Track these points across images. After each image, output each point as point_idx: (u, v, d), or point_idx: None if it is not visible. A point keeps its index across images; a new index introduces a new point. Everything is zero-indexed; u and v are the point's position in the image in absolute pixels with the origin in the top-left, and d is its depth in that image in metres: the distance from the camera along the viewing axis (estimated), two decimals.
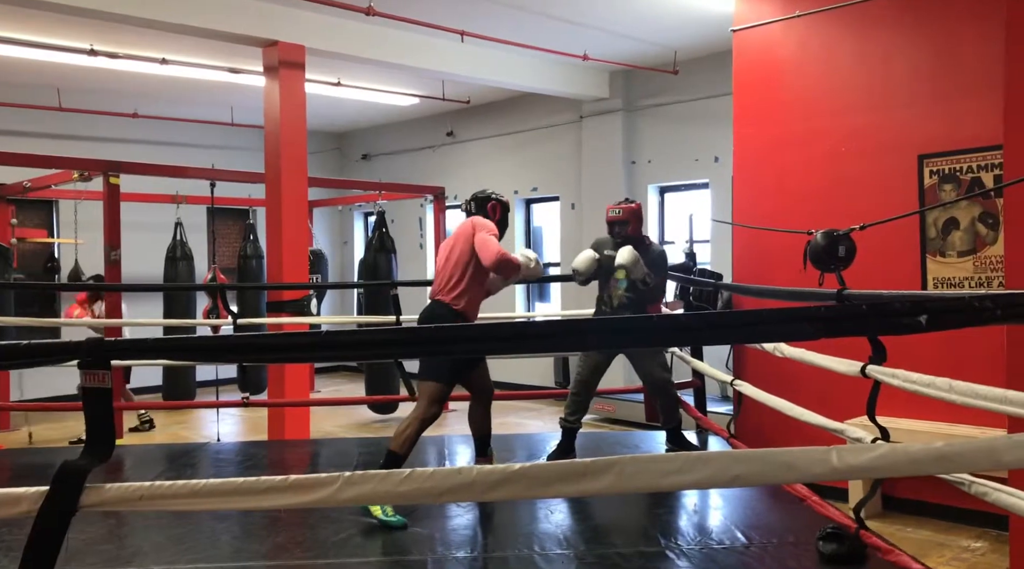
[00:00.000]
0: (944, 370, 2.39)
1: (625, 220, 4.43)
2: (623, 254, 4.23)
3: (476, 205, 3.96)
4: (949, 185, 4.79)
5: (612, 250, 4.38)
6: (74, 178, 7.53)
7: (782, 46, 5.54)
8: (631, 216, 4.45)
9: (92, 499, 1.48)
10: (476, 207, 3.96)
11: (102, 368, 1.47)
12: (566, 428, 4.44)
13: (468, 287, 3.72)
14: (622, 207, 4.47)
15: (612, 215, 4.46)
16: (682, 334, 1.93)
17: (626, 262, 4.20)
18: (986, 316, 1.38)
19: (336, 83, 8.48)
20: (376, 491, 1.43)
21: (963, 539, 4.49)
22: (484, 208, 3.94)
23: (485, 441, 3.96)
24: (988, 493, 2.12)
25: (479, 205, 3.95)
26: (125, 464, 4.66)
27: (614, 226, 4.44)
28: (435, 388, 3.64)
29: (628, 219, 4.44)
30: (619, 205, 4.50)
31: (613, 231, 4.45)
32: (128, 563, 3.00)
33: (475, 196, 4.01)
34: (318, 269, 9.17)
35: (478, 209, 3.95)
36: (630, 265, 4.21)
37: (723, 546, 3.12)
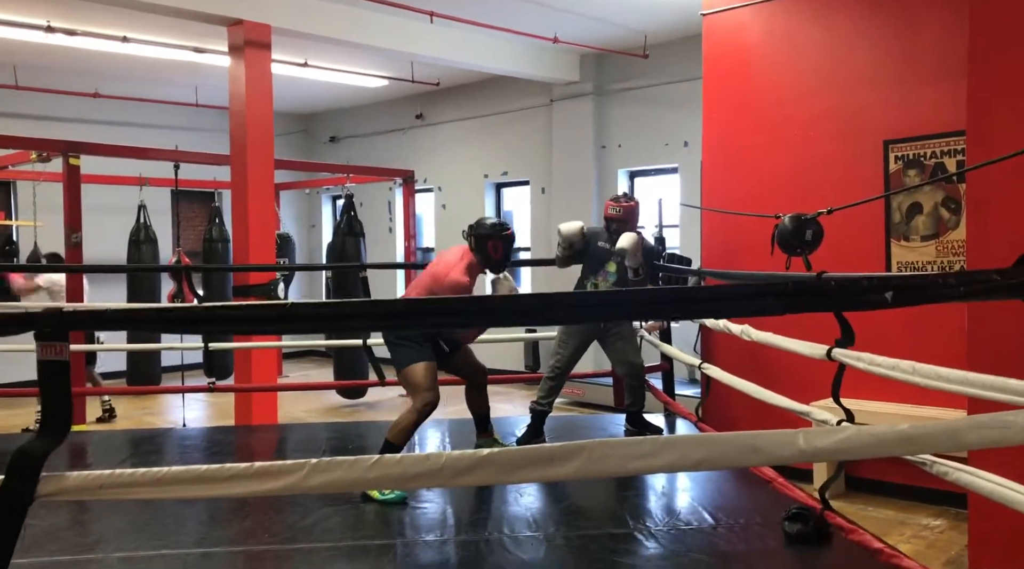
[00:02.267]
0: (908, 354, 2.43)
1: (624, 219, 4.45)
2: (626, 238, 4.24)
3: (476, 242, 3.68)
4: (913, 170, 4.86)
5: (606, 242, 4.41)
6: (32, 159, 7.34)
7: (751, 31, 5.56)
8: (629, 215, 4.48)
9: (49, 488, 1.44)
10: (476, 244, 3.68)
11: (60, 339, 1.41)
12: (538, 411, 4.48)
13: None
14: (622, 205, 4.48)
15: (612, 213, 4.45)
16: (652, 308, 1.93)
17: (629, 245, 4.20)
18: (949, 292, 1.40)
19: (303, 64, 8.35)
20: (344, 478, 1.42)
21: (923, 517, 4.59)
22: (484, 247, 3.66)
23: (485, 419, 4.03)
24: (949, 473, 2.16)
25: (479, 243, 3.67)
26: (88, 450, 4.58)
27: (612, 223, 4.44)
28: (417, 372, 3.55)
29: (627, 218, 4.46)
30: (619, 203, 4.50)
31: (610, 228, 4.45)
32: (91, 550, 2.96)
33: (476, 230, 3.69)
34: (285, 253, 9.05)
35: (477, 247, 3.68)
36: (632, 249, 4.20)
37: (691, 527, 3.16)
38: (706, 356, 5.22)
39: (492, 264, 3.74)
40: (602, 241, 4.44)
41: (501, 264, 3.73)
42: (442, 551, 3.02)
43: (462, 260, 3.70)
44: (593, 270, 4.46)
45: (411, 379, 3.57)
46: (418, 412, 3.52)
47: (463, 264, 3.68)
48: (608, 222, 4.48)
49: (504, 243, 3.69)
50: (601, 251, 4.43)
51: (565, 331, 4.47)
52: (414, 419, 3.52)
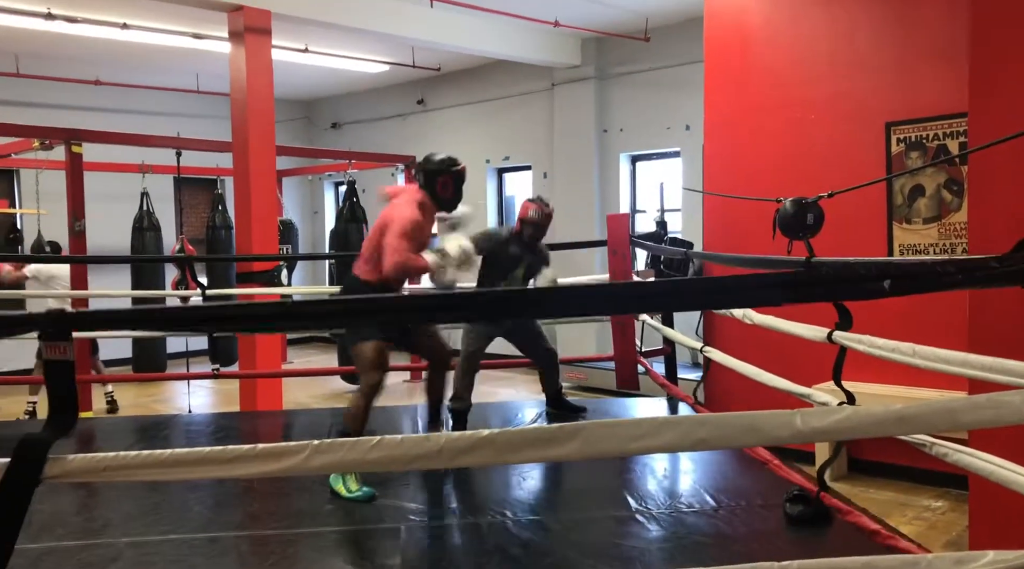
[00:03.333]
0: (909, 336, 2.44)
1: (543, 224, 4.32)
2: (546, 280, 4.27)
3: (425, 177, 3.53)
4: (915, 152, 4.85)
5: (515, 246, 4.26)
6: (35, 147, 7.35)
7: (753, 14, 5.53)
8: (548, 222, 4.35)
9: (56, 470, 1.46)
10: (424, 179, 3.54)
11: (64, 340, 1.44)
12: (459, 410, 4.23)
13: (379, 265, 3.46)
14: (543, 211, 4.31)
15: (532, 216, 4.28)
16: (654, 301, 1.94)
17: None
18: (948, 281, 1.40)
19: (304, 50, 8.33)
20: (345, 459, 1.43)
21: (924, 499, 4.62)
22: (433, 184, 3.51)
23: (437, 407, 3.80)
24: (948, 454, 2.17)
25: (428, 178, 3.52)
26: (96, 437, 4.61)
27: (528, 227, 4.28)
28: (368, 350, 3.35)
29: (546, 224, 4.33)
30: (539, 206, 4.32)
31: (525, 231, 4.29)
32: (98, 535, 2.98)
33: (425, 165, 3.56)
34: (288, 239, 9.07)
35: (427, 183, 3.53)
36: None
37: (692, 509, 3.18)
38: (708, 339, 5.23)
39: (442, 202, 3.56)
40: (512, 246, 4.25)
41: (452, 202, 3.58)
42: (446, 535, 3.05)
43: (412, 199, 3.50)
44: (500, 275, 4.25)
45: (360, 357, 3.38)
46: (365, 395, 3.36)
47: (413, 202, 3.48)
48: (524, 226, 4.29)
49: (454, 179, 3.53)
50: (510, 257, 4.25)
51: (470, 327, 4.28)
52: (363, 403, 3.36)
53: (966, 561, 1.40)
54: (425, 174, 3.55)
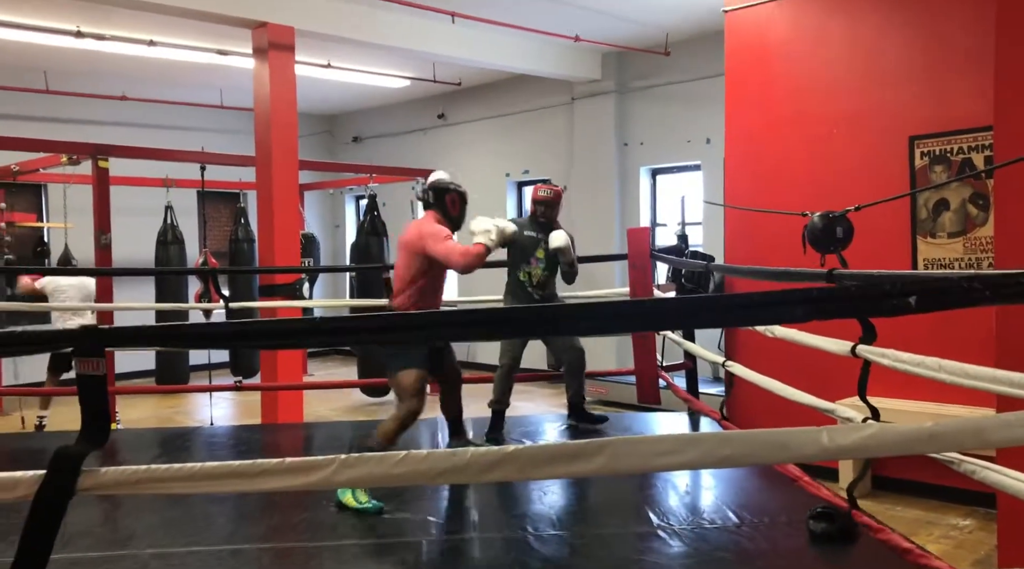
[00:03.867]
0: (934, 350, 2.41)
1: (554, 202, 4.46)
2: (558, 238, 4.29)
3: (435, 196, 3.75)
4: (940, 166, 4.81)
5: (531, 230, 4.39)
6: (63, 162, 7.47)
7: (774, 27, 5.53)
8: (559, 198, 4.49)
9: (89, 483, 1.49)
10: (434, 198, 3.75)
11: (96, 355, 1.47)
12: (498, 411, 4.47)
13: (418, 293, 3.67)
14: (553, 189, 4.50)
15: (543, 195, 4.45)
16: (675, 318, 1.94)
17: (562, 245, 4.26)
18: (975, 297, 1.39)
19: (326, 65, 8.42)
20: (372, 473, 1.44)
21: (952, 517, 4.54)
22: (443, 200, 3.74)
23: (458, 422, 4.03)
24: (976, 471, 2.14)
25: (437, 197, 3.74)
26: (119, 448, 4.66)
27: (540, 206, 4.44)
28: (409, 378, 3.50)
29: (556, 202, 4.47)
30: (549, 187, 4.52)
31: (538, 210, 4.44)
32: (123, 546, 3.01)
33: (433, 186, 3.78)
34: (310, 253, 9.14)
35: (436, 201, 3.75)
36: (565, 248, 4.26)
37: (715, 525, 3.15)
38: (730, 354, 5.20)
39: (450, 219, 3.77)
40: (528, 230, 4.41)
41: (458, 221, 3.79)
42: (467, 549, 3.05)
43: (426, 219, 3.72)
44: (524, 259, 4.41)
45: (401, 384, 3.53)
46: (402, 420, 3.48)
47: (430, 220, 3.70)
48: (537, 206, 4.45)
49: (460, 197, 3.77)
50: (528, 240, 4.38)
51: None
52: (397, 427, 3.48)
53: None
54: (435, 193, 3.77)
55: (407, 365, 3.51)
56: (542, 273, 4.39)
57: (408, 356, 3.53)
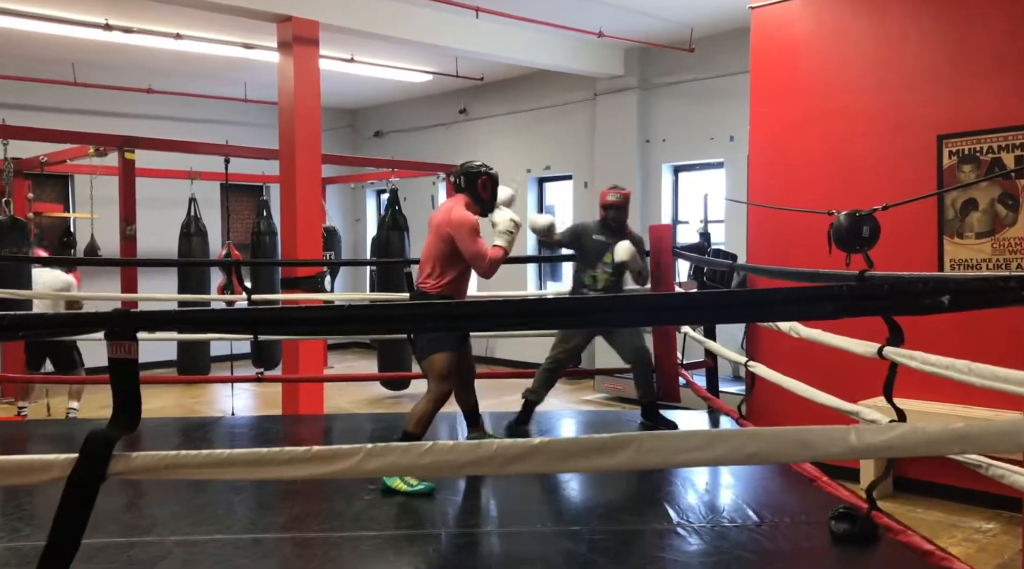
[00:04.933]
0: (959, 352, 2.38)
1: (623, 206, 4.57)
2: (623, 251, 4.38)
3: (466, 180, 3.79)
4: (968, 166, 4.75)
5: (600, 234, 4.50)
6: (89, 153, 7.56)
7: (801, 24, 5.48)
8: (627, 202, 4.61)
9: (120, 467, 1.51)
10: (466, 182, 3.79)
11: (129, 339, 1.48)
12: (530, 401, 4.53)
13: (449, 277, 3.72)
14: (620, 193, 4.60)
15: (612, 199, 4.57)
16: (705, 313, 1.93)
17: (627, 259, 4.37)
18: (1010, 297, 1.37)
19: (349, 59, 8.45)
20: (398, 463, 1.45)
21: (974, 520, 4.50)
22: (474, 184, 3.79)
23: (475, 413, 4.06)
24: (1005, 475, 2.12)
25: (469, 181, 3.78)
26: (143, 437, 4.70)
27: (610, 210, 4.54)
28: (442, 360, 3.60)
29: (625, 205, 4.58)
30: (617, 190, 4.62)
31: (609, 215, 4.54)
32: (147, 532, 3.05)
33: (465, 170, 3.82)
34: (331, 246, 9.19)
35: (467, 185, 3.79)
36: (631, 261, 4.38)
37: (735, 524, 3.14)
38: (752, 353, 5.17)
39: (482, 203, 3.81)
40: (597, 234, 4.51)
41: (489, 204, 3.82)
42: (486, 542, 3.05)
43: (456, 204, 3.77)
44: (590, 263, 4.52)
45: (435, 367, 3.60)
46: (434, 402, 3.57)
47: (461, 203, 3.75)
48: (607, 210, 4.55)
49: (491, 180, 3.81)
50: (597, 244, 4.50)
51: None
52: (431, 409, 3.56)
53: None
54: (466, 177, 3.80)
55: (440, 348, 3.60)
56: (608, 278, 4.50)
57: (441, 340, 3.61)
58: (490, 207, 3.83)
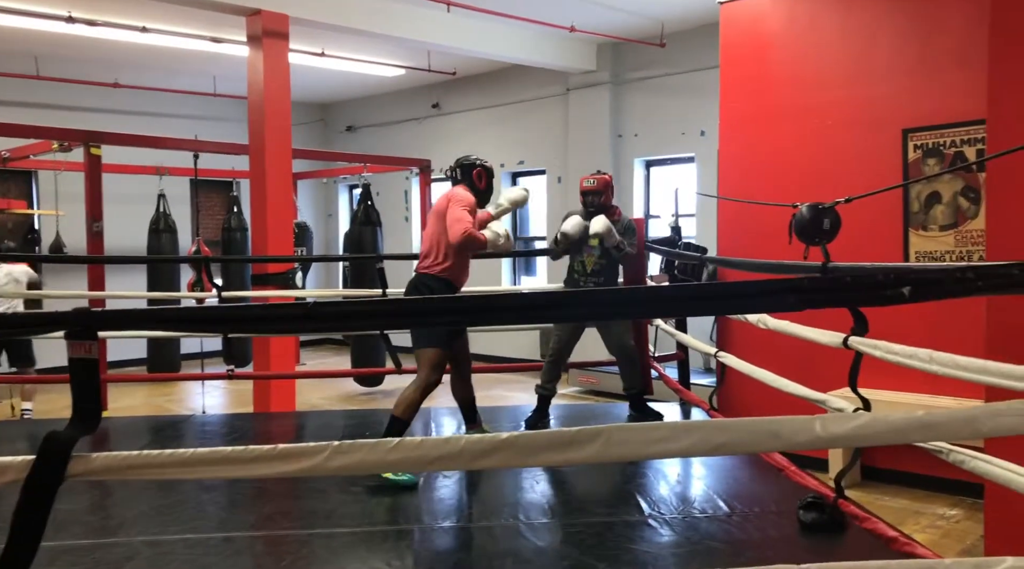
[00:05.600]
0: (923, 342, 2.42)
1: (600, 190, 4.59)
2: (597, 223, 4.41)
3: (462, 172, 3.93)
4: (933, 159, 4.82)
5: (585, 220, 4.53)
6: (54, 148, 7.42)
7: (769, 19, 5.52)
8: (604, 187, 4.62)
9: (79, 468, 1.48)
10: (462, 174, 3.93)
11: (89, 338, 1.46)
12: (542, 396, 4.63)
13: (451, 261, 3.79)
14: (596, 178, 4.64)
15: (587, 185, 4.62)
16: (670, 305, 1.95)
17: (601, 230, 4.39)
18: (968, 287, 1.39)
19: (320, 53, 8.38)
20: (365, 460, 1.44)
21: (938, 507, 4.58)
22: (469, 175, 3.92)
23: (472, 408, 4.09)
24: (966, 461, 2.16)
25: (464, 172, 3.93)
26: (109, 436, 4.65)
27: (588, 196, 4.60)
28: (434, 354, 3.68)
29: (602, 189, 4.60)
30: (593, 176, 4.67)
31: (587, 201, 4.60)
32: (114, 534, 3.01)
33: (460, 162, 3.97)
34: (303, 242, 9.11)
35: (463, 176, 3.93)
36: (604, 233, 4.39)
37: (705, 514, 3.17)
38: (722, 344, 5.21)
39: (478, 193, 3.90)
40: (583, 219, 4.54)
41: (486, 195, 3.94)
42: (459, 537, 3.05)
43: (454, 194, 3.85)
44: (578, 250, 4.58)
45: (427, 357, 3.69)
46: (422, 390, 3.64)
47: (457, 195, 3.83)
48: (585, 196, 4.61)
49: (487, 172, 3.94)
50: (583, 229, 4.52)
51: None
52: (418, 397, 3.64)
53: (983, 567, 1.39)
54: (462, 169, 3.94)
55: (431, 343, 3.68)
56: (596, 261, 4.53)
57: (438, 334, 3.69)
58: (486, 198, 3.95)
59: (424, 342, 3.71)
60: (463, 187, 3.91)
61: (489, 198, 3.97)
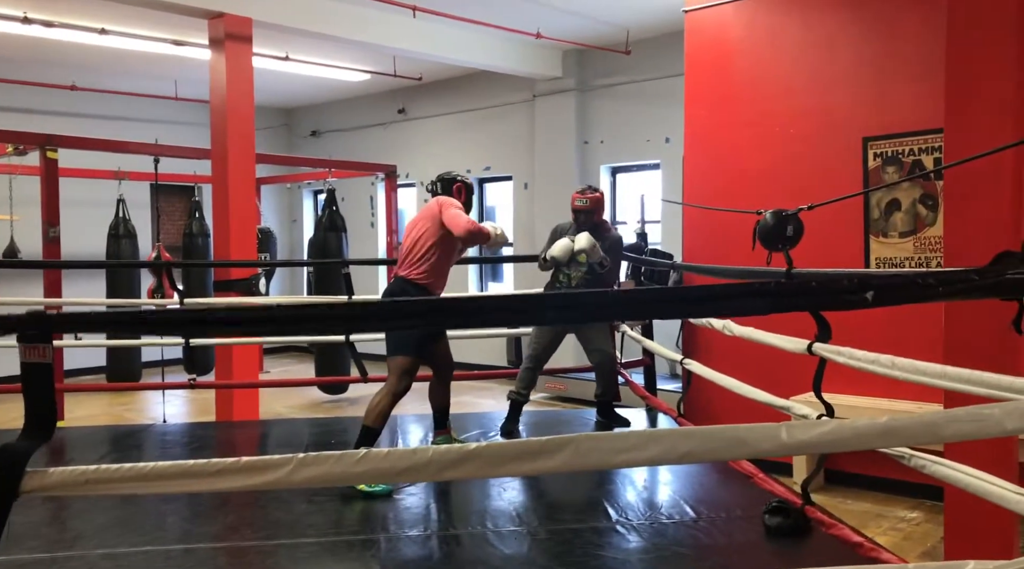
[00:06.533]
0: (887, 348, 2.46)
1: (591, 210, 4.60)
2: (581, 240, 4.44)
3: (442, 186, 4.07)
4: (892, 167, 4.92)
5: (572, 236, 4.55)
6: (9, 152, 7.24)
7: (733, 28, 5.59)
8: (596, 205, 4.62)
9: (34, 484, 1.43)
10: (442, 188, 4.06)
11: (43, 342, 1.41)
12: (515, 401, 4.62)
13: (432, 264, 3.80)
14: (588, 197, 4.62)
15: (579, 205, 4.61)
16: (638, 308, 1.96)
17: (585, 247, 4.41)
18: (929, 292, 1.42)
19: (284, 58, 8.29)
20: (331, 472, 1.42)
21: (900, 510, 4.66)
22: (450, 189, 4.04)
23: (444, 414, 4.09)
24: (926, 465, 2.20)
25: (445, 186, 4.06)
26: (67, 446, 4.53)
27: (580, 214, 4.60)
28: (404, 362, 3.71)
29: (593, 209, 4.61)
30: (585, 194, 4.65)
31: (579, 218, 4.60)
32: (71, 547, 2.93)
33: (441, 177, 4.11)
34: (267, 248, 9.00)
35: (444, 190, 4.05)
36: (589, 249, 4.41)
37: (672, 520, 3.19)
38: (688, 351, 5.26)
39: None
40: (570, 234, 4.57)
41: (465, 206, 4.01)
42: (425, 545, 3.03)
43: (436, 203, 3.90)
44: (564, 263, 4.57)
45: (397, 365, 3.72)
46: (392, 395, 3.67)
47: (440, 201, 3.89)
48: (576, 214, 4.61)
49: (466, 187, 4.07)
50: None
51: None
52: (388, 402, 3.66)
53: None
54: (443, 184, 4.06)
55: (405, 351, 3.71)
56: (582, 276, 4.53)
57: (408, 341, 3.72)
58: (465, 210, 4.00)
59: (394, 349, 3.74)
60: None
61: (468, 212, 4.03)
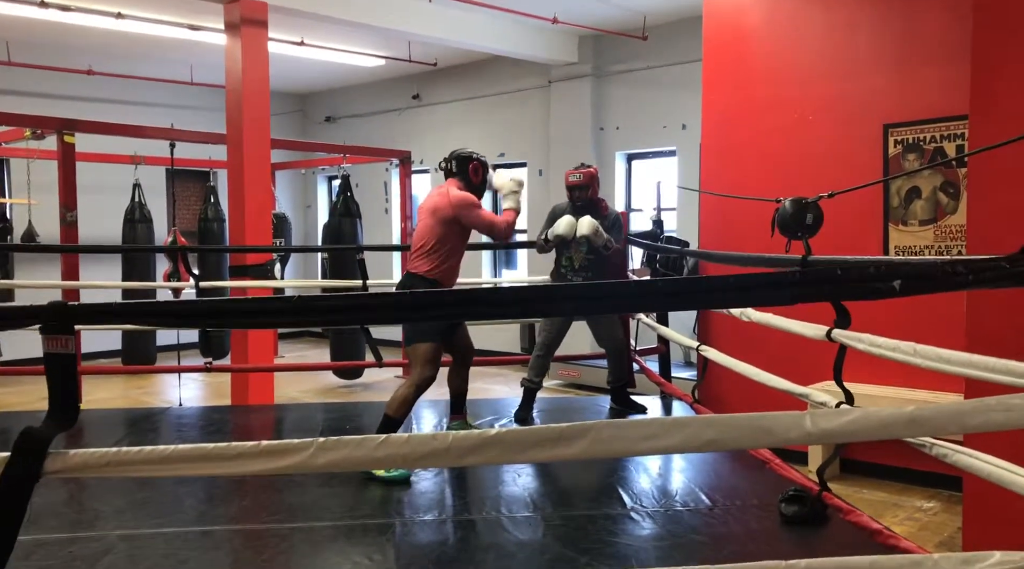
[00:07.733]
0: (906, 335, 2.43)
1: (586, 185, 4.55)
2: (584, 225, 4.38)
3: (457, 165, 3.86)
4: (913, 154, 4.86)
5: (573, 216, 4.49)
6: (26, 136, 7.26)
7: (752, 13, 5.53)
8: (591, 180, 4.58)
9: (56, 465, 1.44)
10: (457, 166, 3.86)
11: (65, 333, 1.41)
12: (528, 388, 4.61)
13: (441, 258, 3.75)
14: (581, 172, 4.58)
15: (573, 180, 4.57)
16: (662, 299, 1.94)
17: (588, 232, 4.36)
18: (958, 281, 1.40)
19: (299, 43, 8.27)
20: (351, 457, 1.42)
21: (916, 500, 4.63)
22: (466, 169, 3.85)
23: (461, 399, 4.06)
24: (948, 454, 2.17)
25: (460, 165, 3.86)
26: (85, 429, 4.57)
27: (574, 191, 4.56)
28: (427, 349, 3.64)
29: (588, 183, 4.56)
30: (578, 170, 4.60)
31: (573, 195, 4.56)
32: (90, 528, 2.96)
33: (456, 155, 3.90)
34: (281, 233, 9.02)
35: (459, 169, 3.86)
36: (592, 234, 4.37)
37: (688, 508, 3.18)
38: (703, 338, 5.23)
39: (472, 187, 3.86)
40: (568, 214, 4.51)
41: (480, 190, 3.89)
42: (440, 530, 3.03)
43: (449, 187, 3.80)
44: (566, 245, 4.54)
45: (420, 353, 3.65)
46: (416, 386, 3.61)
47: (453, 187, 3.79)
48: (571, 191, 4.56)
49: (483, 166, 3.89)
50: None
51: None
52: (412, 393, 3.60)
53: (973, 561, 1.40)
54: (458, 162, 3.86)
55: (424, 338, 3.64)
56: (584, 257, 4.50)
57: (428, 329, 3.64)
58: (480, 193, 3.89)
59: (416, 338, 3.67)
60: (457, 182, 3.85)
61: (483, 193, 3.93)
